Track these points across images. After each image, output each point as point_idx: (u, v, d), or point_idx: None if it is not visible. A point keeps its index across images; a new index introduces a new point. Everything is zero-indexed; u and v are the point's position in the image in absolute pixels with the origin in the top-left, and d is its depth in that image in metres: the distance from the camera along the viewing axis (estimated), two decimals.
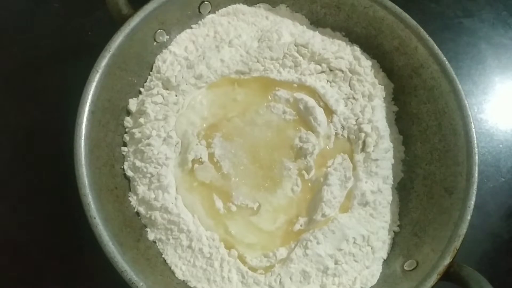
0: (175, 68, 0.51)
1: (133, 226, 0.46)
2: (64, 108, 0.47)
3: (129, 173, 0.48)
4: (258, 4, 0.56)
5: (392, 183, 0.51)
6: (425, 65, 0.52)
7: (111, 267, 0.40)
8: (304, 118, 0.51)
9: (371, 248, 0.48)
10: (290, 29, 0.54)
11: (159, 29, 0.52)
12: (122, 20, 0.48)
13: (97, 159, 0.45)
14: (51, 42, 0.60)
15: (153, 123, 0.49)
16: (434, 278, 0.43)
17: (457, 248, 0.44)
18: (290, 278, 0.45)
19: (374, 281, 0.47)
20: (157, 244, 0.47)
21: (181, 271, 0.45)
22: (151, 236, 0.47)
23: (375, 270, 0.48)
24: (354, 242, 0.47)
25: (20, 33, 0.60)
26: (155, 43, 0.52)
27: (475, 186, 0.46)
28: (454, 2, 0.69)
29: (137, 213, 0.47)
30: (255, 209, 0.48)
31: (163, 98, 0.50)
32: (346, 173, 0.49)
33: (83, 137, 0.44)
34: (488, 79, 0.66)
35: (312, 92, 0.52)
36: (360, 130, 0.51)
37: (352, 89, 0.53)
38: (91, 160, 0.44)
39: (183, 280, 0.45)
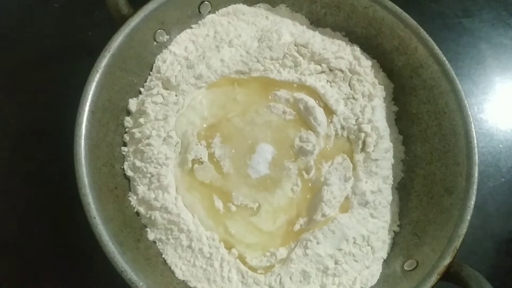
0: (175, 68, 0.51)
1: (133, 226, 0.46)
2: (64, 108, 0.47)
3: (129, 173, 0.48)
4: (258, 4, 0.56)
5: (392, 183, 0.51)
6: (425, 65, 0.52)
7: (111, 267, 0.40)
8: (304, 118, 0.51)
9: (371, 248, 0.48)
10: (290, 29, 0.55)
11: (159, 29, 0.52)
12: (122, 20, 0.48)
13: (97, 159, 0.45)
14: (51, 42, 0.60)
15: (153, 123, 0.49)
16: (434, 278, 0.43)
17: (457, 248, 0.44)
18: (290, 278, 0.45)
19: (374, 281, 0.47)
20: (157, 244, 0.47)
21: (181, 271, 0.45)
22: (151, 236, 0.47)
23: (375, 270, 0.48)
24: (354, 242, 0.47)
25: (20, 33, 0.60)
26: (155, 43, 0.52)
27: (475, 186, 0.46)
28: (454, 2, 0.69)
29: (137, 213, 0.48)
30: (255, 209, 0.48)
31: (163, 98, 0.50)
32: (346, 173, 0.49)
33: (83, 137, 0.44)
34: (488, 79, 0.66)
35: (312, 92, 0.52)
36: (360, 130, 0.51)
37: (352, 89, 0.53)
38: (91, 160, 0.44)
39: (183, 280, 0.45)
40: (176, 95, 0.50)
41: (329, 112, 0.52)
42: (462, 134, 0.48)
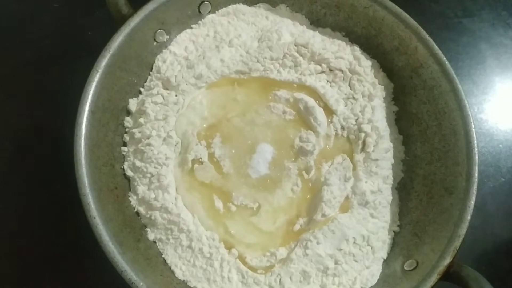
0: (175, 68, 0.51)
1: (133, 226, 0.46)
2: (64, 108, 0.47)
3: (129, 173, 0.48)
4: (258, 4, 0.56)
5: (392, 183, 0.51)
6: (425, 65, 0.52)
7: (111, 267, 0.40)
8: (304, 118, 0.51)
9: (371, 248, 0.48)
10: (290, 29, 0.55)
11: (159, 29, 0.52)
12: (122, 20, 0.48)
13: (97, 159, 0.45)
14: (51, 42, 0.60)
15: (153, 123, 0.49)
16: (434, 278, 0.43)
17: (457, 248, 0.44)
18: (290, 278, 0.45)
19: (374, 281, 0.47)
20: (157, 244, 0.47)
21: (181, 271, 0.45)
22: (151, 236, 0.47)
23: (375, 270, 0.48)
24: (354, 242, 0.47)
25: (20, 33, 0.60)
26: (155, 43, 0.52)
27: (475, 186, 0.46)
28: (454, 2, 0.70)
29: (137, 213, 0.48)
30: (255, 209, 0.48)
31: (163, 98, 0.50)
32: (346, 173, 0.49)
33: (83, 137, 0.44)
34: (488, 79, 0.66)
35: (312, 92, 0.52)
36: (360, 130, 0.51)
37: (352, 89, 0.53)
38: (91, 160, 0.44)
39: (183, 280, 0.45)
40: (176, 95, 0.50)
41: (329, 112, 0.52)
42: (462, 134, 0.48)
